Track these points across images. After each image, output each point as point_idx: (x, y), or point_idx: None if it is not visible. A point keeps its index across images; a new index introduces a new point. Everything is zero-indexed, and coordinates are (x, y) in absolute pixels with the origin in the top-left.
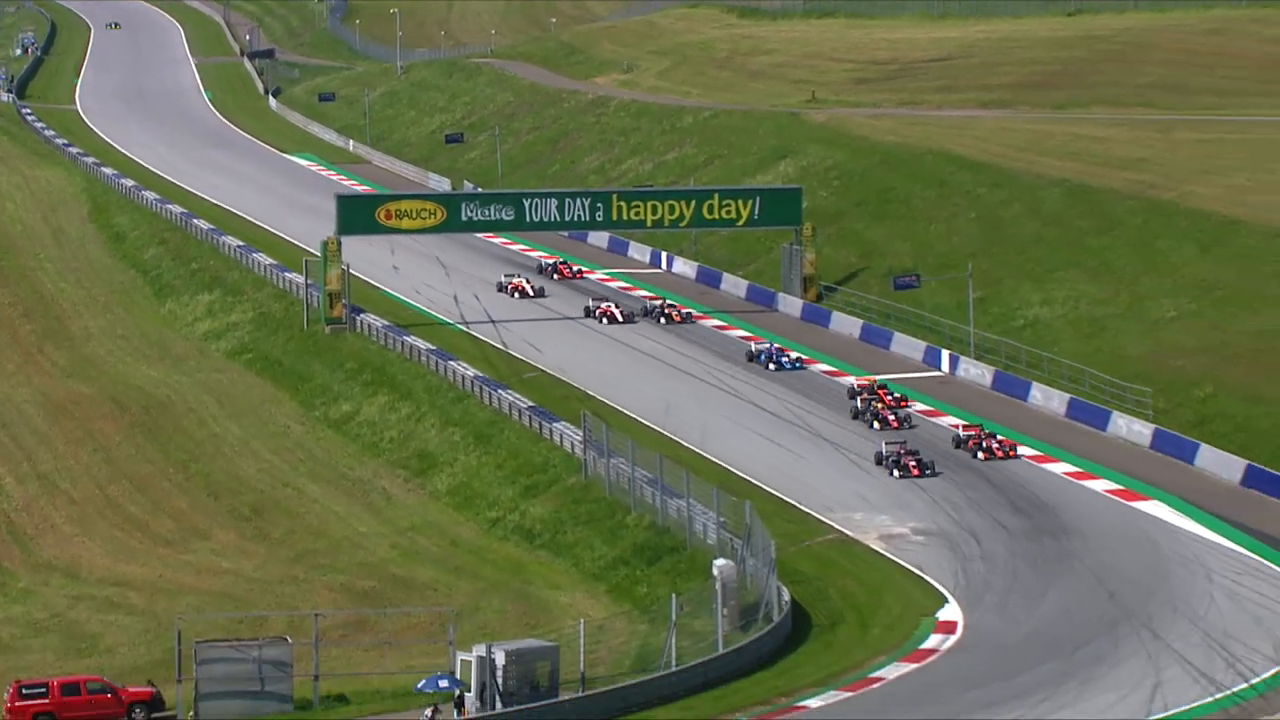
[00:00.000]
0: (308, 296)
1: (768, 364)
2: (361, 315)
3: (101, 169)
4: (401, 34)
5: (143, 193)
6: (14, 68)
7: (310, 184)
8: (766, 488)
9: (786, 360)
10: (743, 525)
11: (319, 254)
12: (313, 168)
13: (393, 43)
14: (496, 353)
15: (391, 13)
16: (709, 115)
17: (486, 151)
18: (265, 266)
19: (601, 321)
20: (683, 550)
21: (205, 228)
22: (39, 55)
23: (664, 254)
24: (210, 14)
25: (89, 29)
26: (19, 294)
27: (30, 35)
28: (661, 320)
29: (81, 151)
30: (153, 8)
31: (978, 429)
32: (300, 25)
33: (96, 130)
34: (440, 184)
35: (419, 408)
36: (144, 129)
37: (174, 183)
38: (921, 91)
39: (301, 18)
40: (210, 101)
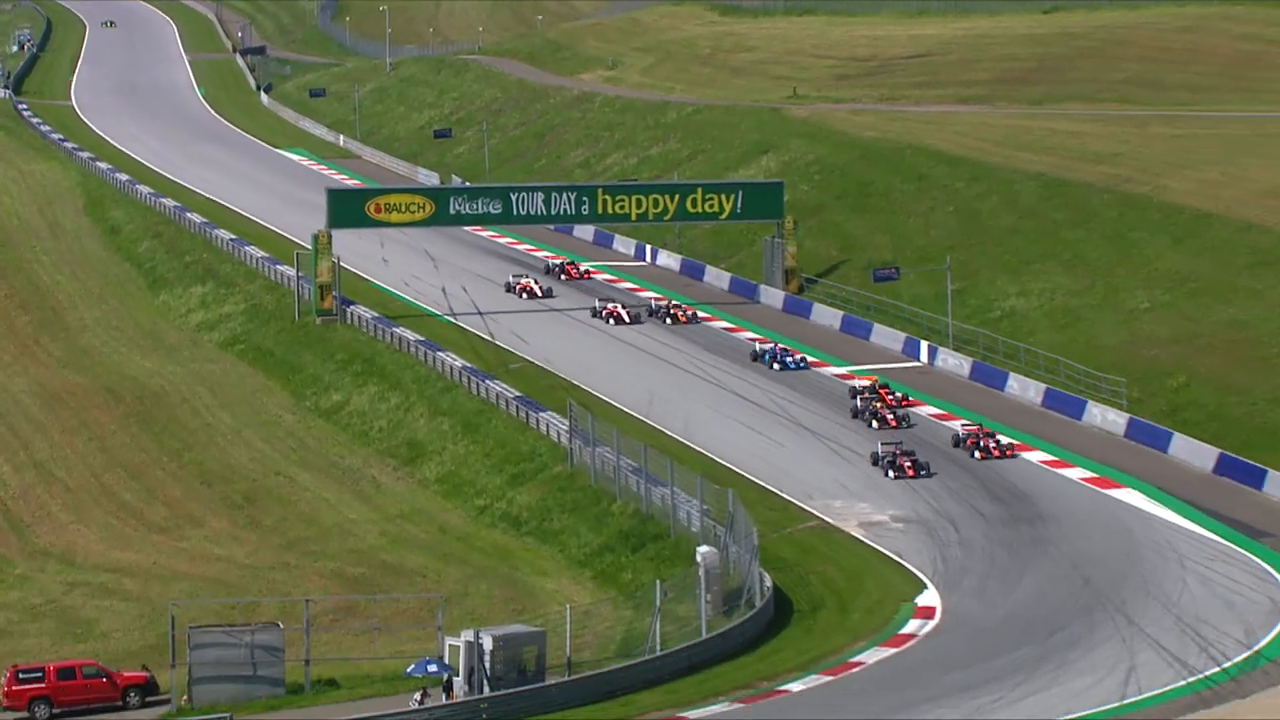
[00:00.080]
0: (299, 289)
1: (772, 364)
2: (351, 307)
3: (96, 164)
4: (391, 31)
5: (137, 187)
6: (10, 64)
7: (301, 178)
8: (749, 476)
9: (791, 360)
10: (725, 513)
11: (310, 247)
12: (304, 162)
13: (382, 39)
14: (484, 344)
15: (381, 10)
16: (692, 111)
17: (474, 146)
18: (257, 259)
19: (608, 322)
20: (667, 537)
21: (198, 221)
22: (35, 52)
23: (648, 247)
24: (203, 11)
25: (84, 26)
26: (15, 286)
27: (26, 32)
28: (667, 320)
29: (77, 146)
30: (147, 5)
31: (977, 428)
32: (291, 22)
33: (92, 125)
34: (429, 178)
35: (408, 398)
36: (138, 124)
37: (168, 177)
38: (901, 87)
39: (293, 15)
40: (203, 97)
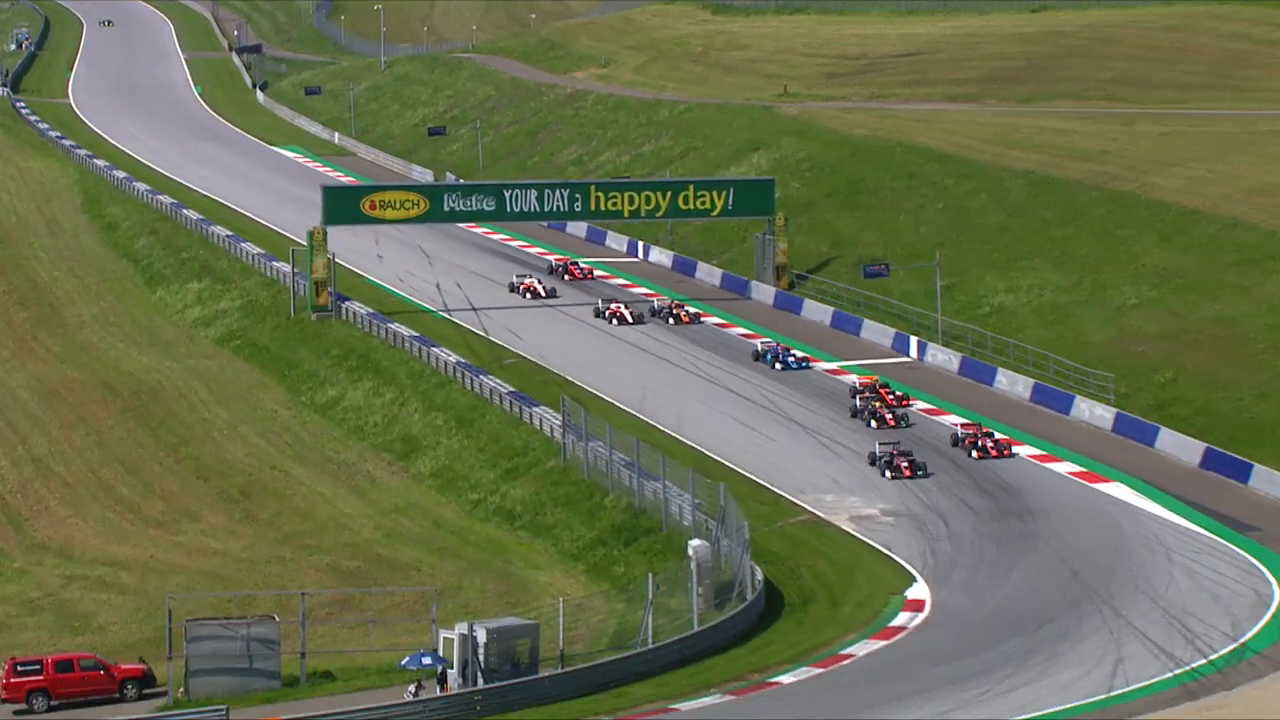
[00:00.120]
0: (294, 285)
1: (774, 364)
2: (346, 303)
3: (94, 161)
4: (385, 30)
5: (134, 184)
6: (9, 62)
7: (297, 175)
8: (740, 470)
9: (793, 360)
10: (717, 507)
11: (305, 243)
12: (299, 160)
13: (377, 38)
14: (478, 339)
15: (375, 9)
16: (684, 109)
17: (468, 144)
18: (253, 256)
19: (611, 323)
20: (659, 531)
21: (195, 218)
22: (33, 50)
23: (640, 243)
24: (199, 10)
25: (82, 25)
26: (14, 282)
27: (24, 31)
28: (670, 320)
29: (74, 144)
30: (144, 5)
31: (976, 427)
32: (287, 21)
33: (89, 123)
34: (423, 175)
35: (402, 393)
36: (135, 122)
37: (164, 174)
38: (890, 86)
39: (288, 14)
40: (200, 95)
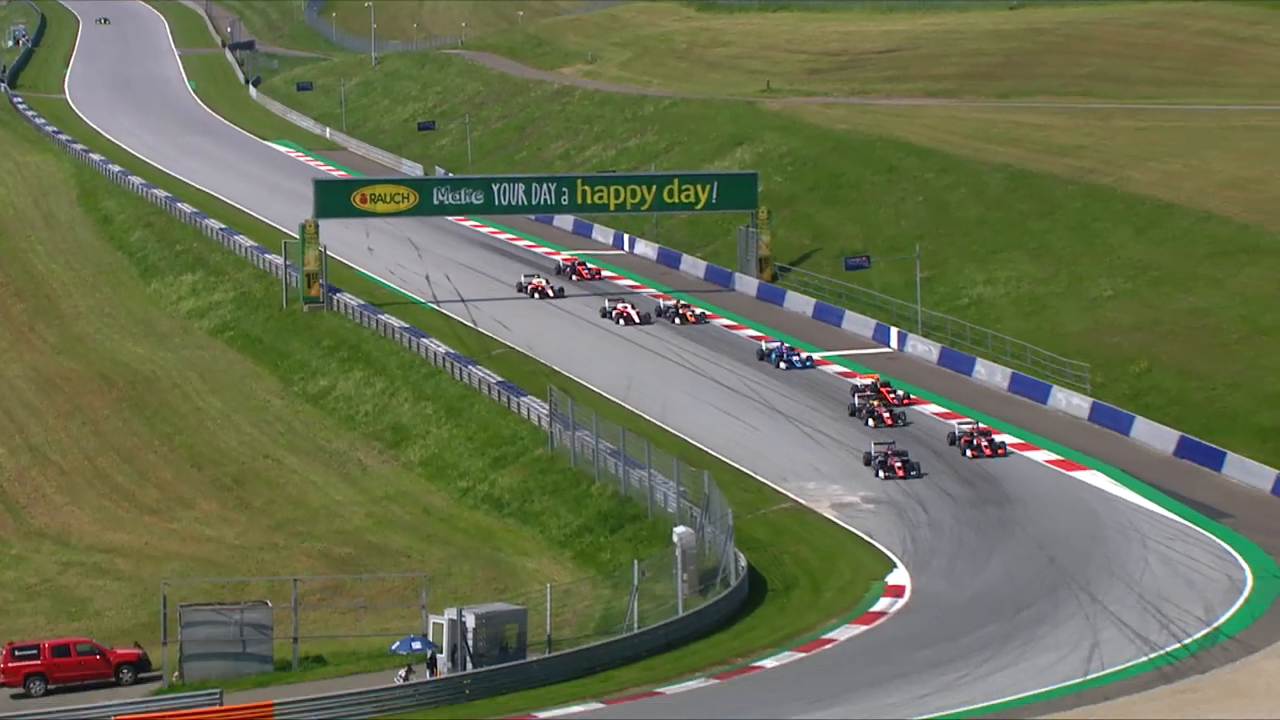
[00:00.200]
0: (286, 277)
1: (778, 363)
2: (338, 295)
3: (90, 155)
4: (376, 26)
5: (129, 178)
6: (6, 59)
7: (289, 169)
8: (724, 459)
9: (798, 359)
10: (701, 494)
11: (297, 236)
12: (291, 154)
13: (367, 35)
14: (467, 330)
15: (366, 6)
16: (669, 104)
17: (457, 138)
18: (246, 248)
19: (618, 323)
20: (644, 518)
21: (189, 211)
22: (30, 47)
23: (626, 236)
24: (193, 7)
25: (78, 22)
26: (11, 274)
27: (21, 28)
28: (676, 320)
29: (71, 139)
30: (139, 2)
31: (973, 426)
32: (279, 18)
33: (85, 118)
34: (413, 169)
35: (393, 383)
36: (130, 117)
37: (159, 168)
38: (871, 81)
39: (280, 11)
40: (193, 91)
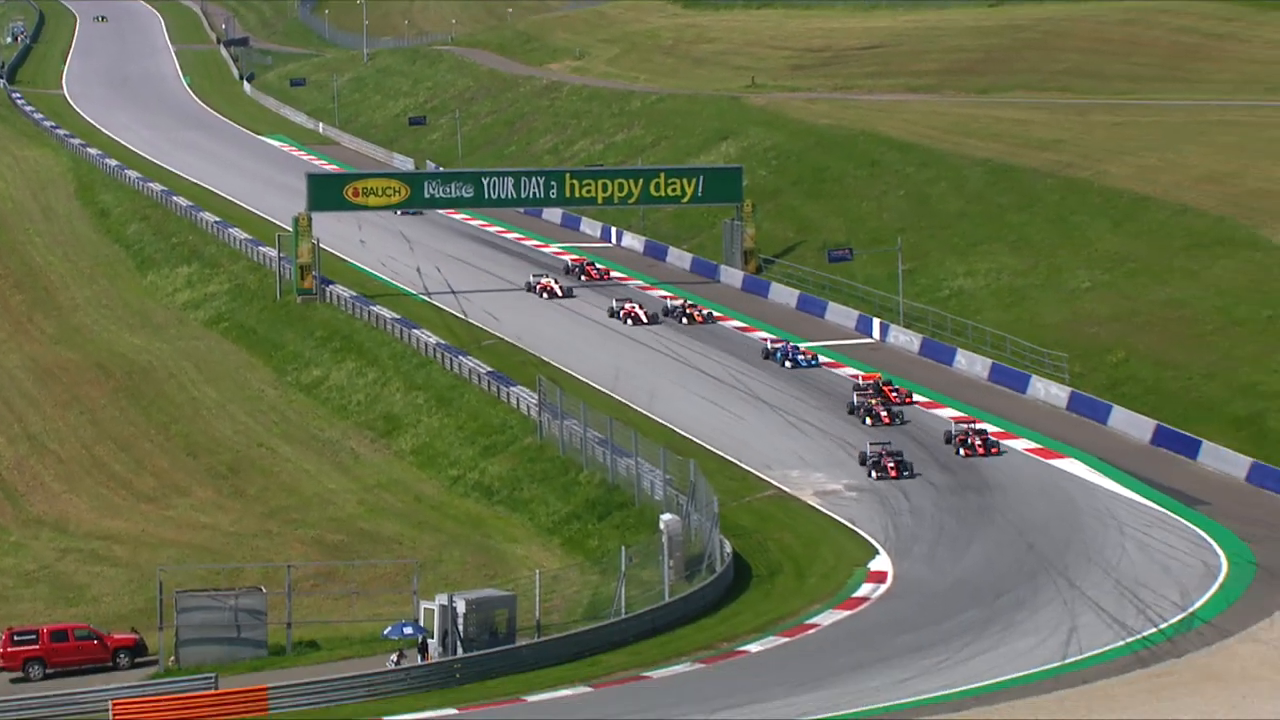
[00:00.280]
0: (280, 269)
1: (783, 362)
2: (330, 286)
3: (87, 150)
4: (368, 23)
5: (125, 172)
6: (5, 55)
7: (282, 164)
8: (710, 447)
9: (803, 358)
10: (687, 482)
11: (291, 229)
12: (285, 148)
13: (360, 31)
14: (457, 321)
15: (358, 3)
16: (656, 99)
17: (447, 133)
18: (240, 241)
19: (626, 323)
20: (631, 506)
21: (184, 205)
22: (28, 43)
23: (614, 229)
24: (189, 5)
25: (75, 19)
26: (10, 267)
27: (20, 24)
28: (683, 320)
29: (68, 133)
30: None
31: (970, 422)
32: (273, 15)
33: (82, 113)
34: (404, 163)
35: (384, 373)
36: (127, 112)
37: (155, 162)
38: (854, 77)
39: (274, 8)
40: (189, 86)
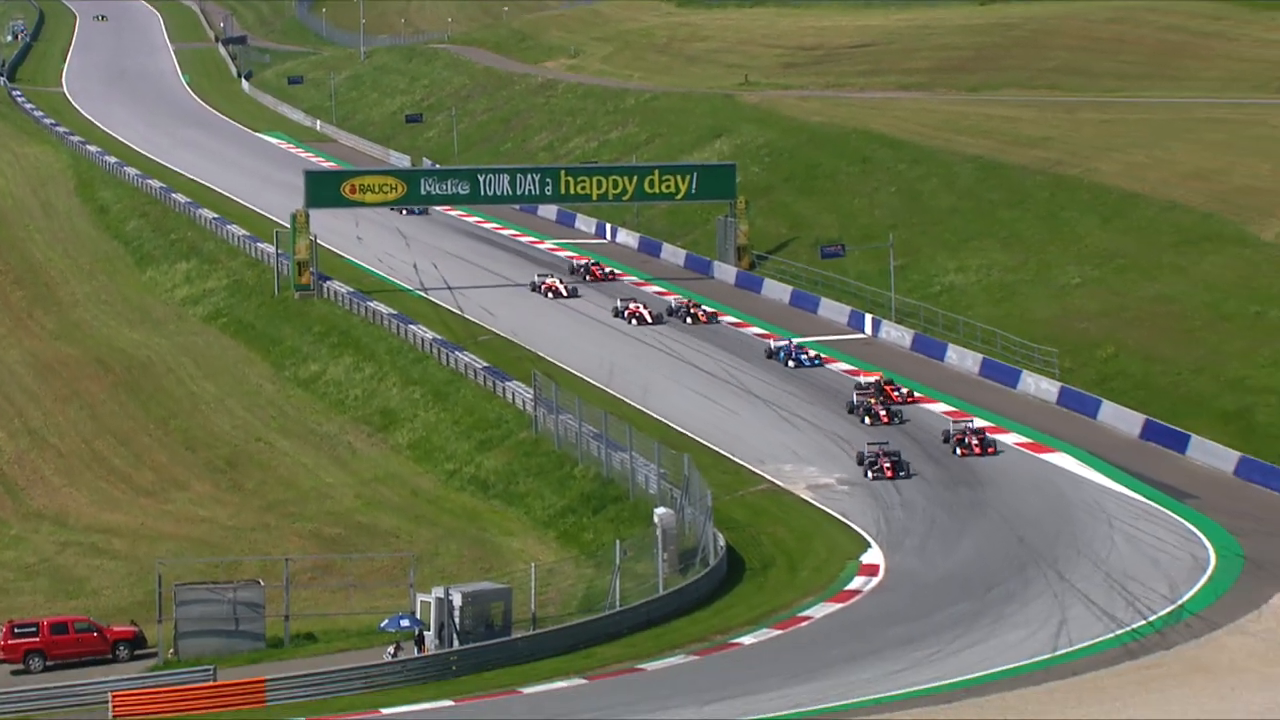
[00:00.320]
0: (278, 265)
1: (786, 361)
2: (328, 282)
3: (86, 147)
4: (364, 22)
5: (125, 169)
6: (5, 53)
7: (280, 161)
8: (703, 442)
9: (806, 358)
10: (681, 476)
11: (288, 225)
12: (282, 146)
13: (356, 30)
14: (453, 317)
15: (355, 2)
16: (650, 97)
17: (444, 130)
18: (239, 237)
19: (630, 322)
20: (626, 499)
21: (183, 201)
22: (28, 42)
23: (608, 225)
24: (187, 4)
25: (75, 17)
26: (10, 263)
27: (20, 23)
28: (687, 320)
29: (68, 131)
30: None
31: (967, 420)
32: (271, 13)
33: (82, 111)
34: (401, 161)
35: (381, 368)
36: (126, 110)
37: (154, 160)
38: (846, 75)
39: (272, 7)
40: (187, 84)
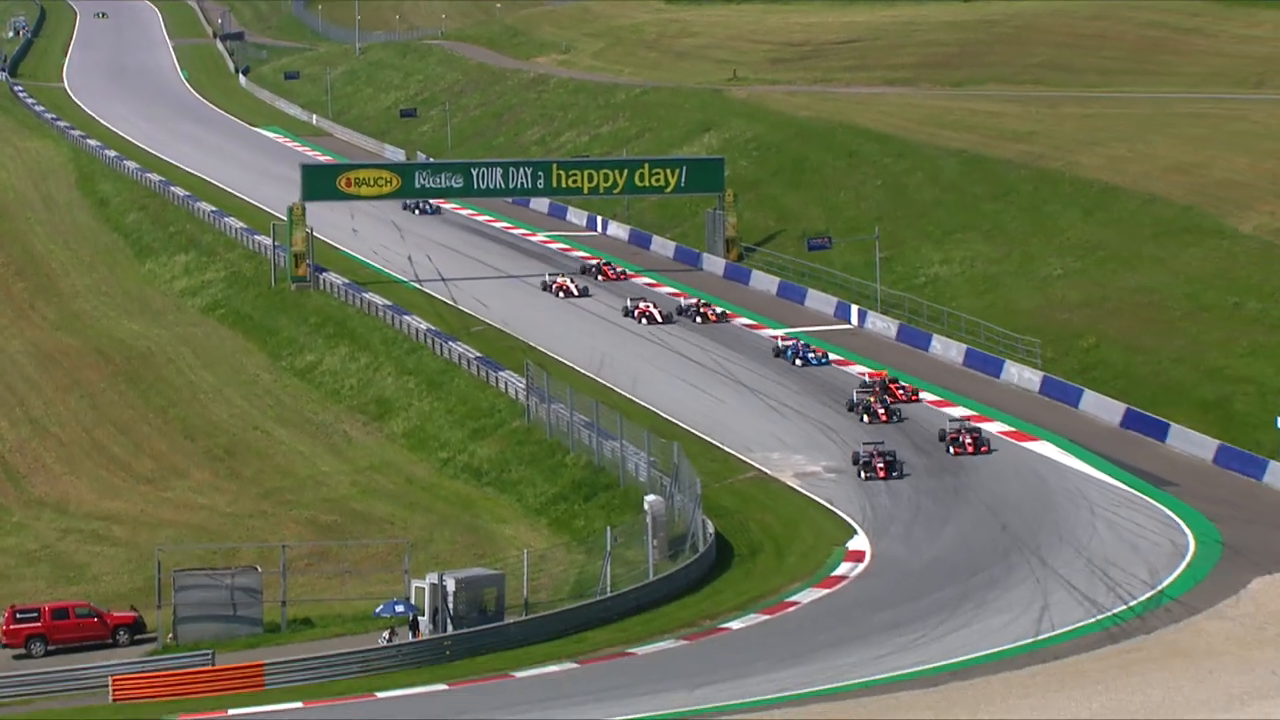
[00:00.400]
0: (275, 257)
1: (794, 360)
2: (324, 274)
3: (87, 141)
4: (360, 18)
5: (124, 163)
6: (7, 49)
7: (277, 155)
8: (692, 430)
9: (813, 356)
10: (671, 464)
11: (285, 218)
12: (279, 140)
13: (352, 26)
14: (447, 308)
15: None
16: (640, 92)
17: (438, 125)
18: (236, 230)
19: (641, 322)
20: (616, 487)
21: (182, 194)
22: (30, 38)
23: (599, 218)
24: (186, 0)
25: (75, 14)
26: (12, 255)
27: (21, 19)
28: (697, 319)
29: (69, 125)
30: None
31: (960, 422)
32: (268, 10)
33: (82, 106)
34: (395, 155)
35: (376, 358)
36: (126, 105)
37: (153, 153)
38: (832, 70)
39: (269, 3)
40: (186, 80)
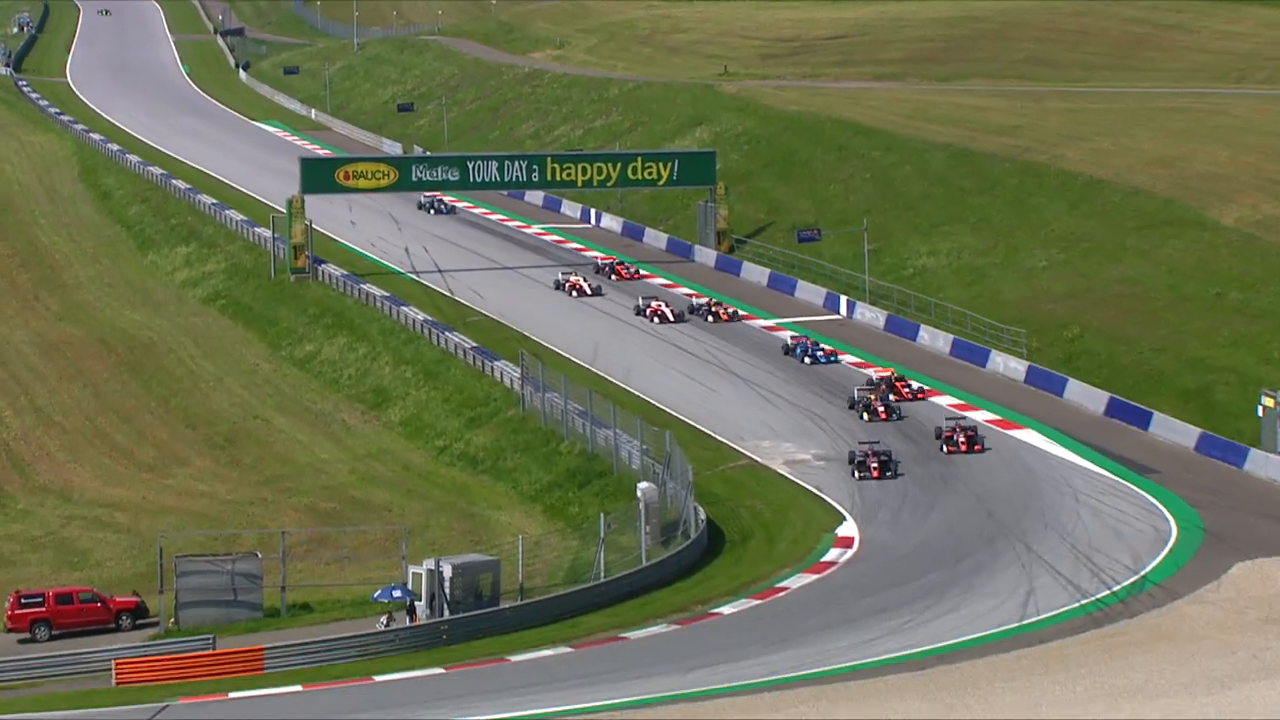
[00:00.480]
0: (274, 249)
1: (803, 358)
2: (323, 265)
3: (90, 135)
4: (358, 14)
5: (127, 156)
6: (11, 44)
7: (276, 148)
8: (684, 419)
9: (822, 354)
10: (663, 452)
11: (284, 211)
12: (279, 134)
13: (350, 22)
14: (444, 299)
15: None
16: (633, 87)
17: (434, 119)
18: (236, 222)
19: (653, 320)
20: (610, 474)
21: (183, 187)
22: (34, 33)
23: (593, 211)
24: None
25: (78, 10)
26: (17, 246)
27: (26, 15)
28: (708, 319)
29: (72, 119)
30: None
31: (955, 422)
32: (267, 6)
33: (85, 100)
34: (393, 148)
35: (374, 348)
36: (128, 99)
37: (155, 147)
38: (822, 65)
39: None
40: (187, 75)
